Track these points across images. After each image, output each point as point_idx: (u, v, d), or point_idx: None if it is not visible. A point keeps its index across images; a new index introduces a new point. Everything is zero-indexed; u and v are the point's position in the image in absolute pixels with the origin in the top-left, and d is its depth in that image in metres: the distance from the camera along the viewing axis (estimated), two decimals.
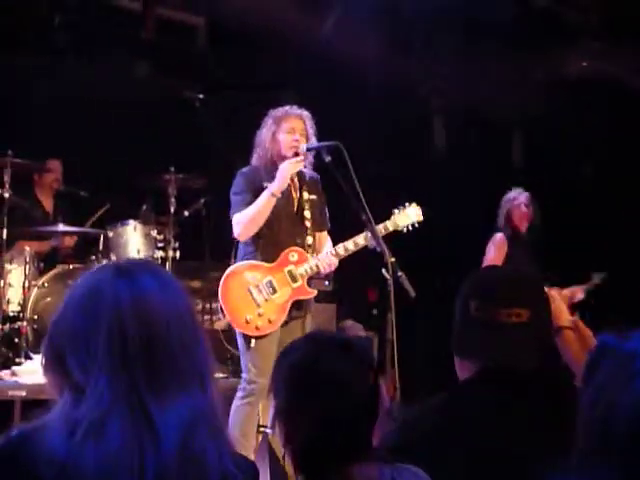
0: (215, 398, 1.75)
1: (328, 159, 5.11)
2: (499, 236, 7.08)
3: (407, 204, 5.49)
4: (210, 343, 1.81)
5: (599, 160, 9.01)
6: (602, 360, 1.51)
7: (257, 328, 5.11)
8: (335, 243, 5.41)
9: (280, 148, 5.24)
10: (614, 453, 1.41)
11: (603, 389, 1.45)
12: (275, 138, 5.23)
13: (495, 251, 7.04)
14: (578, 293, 6.69)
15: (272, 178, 5.22)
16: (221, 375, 6.55)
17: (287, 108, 5.30)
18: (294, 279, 5.23)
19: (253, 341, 5.10)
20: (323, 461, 1.98)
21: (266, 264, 5.20)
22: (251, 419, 5.16)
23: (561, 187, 6.77)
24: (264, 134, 5.26)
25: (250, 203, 5.16)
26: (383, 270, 4.86)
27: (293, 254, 5.26)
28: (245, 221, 5.17)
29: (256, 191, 5.21)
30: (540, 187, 7.64)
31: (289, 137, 5.23)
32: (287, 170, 5.16)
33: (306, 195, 5.38)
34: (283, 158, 5.24)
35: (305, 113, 5.30)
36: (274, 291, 5.18)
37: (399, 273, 4.84)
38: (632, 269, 7.82)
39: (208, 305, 7.51)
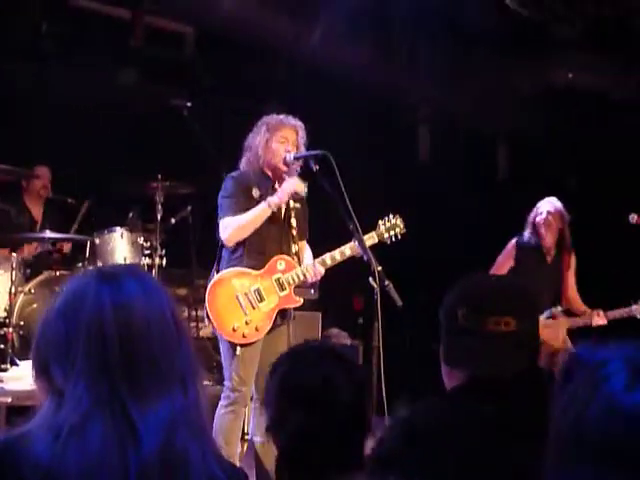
0: (199, 400, 1.76)
1: (316, 168, 5.14)
2: (511, 242, 6.94)
3: (391, 215, 5.54)
4: (195, 349, 1.82)
5: (584, 172, 9.07)
6: (574, 370, 1.52)
7: (244, 336, 5.09)
8: (322, 252, 5.41)
9: (271, 156, 5.25)
10: (584, 461, 1.42)
11: (573, 398, 1.45)
12: (268, 146, 5.23)
13: (502, 256, 6.93)
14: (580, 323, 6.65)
15: (260, 184, 5.25)
16: (207, 382, 6.54)
17: (282, 117, 5.29)
18: (282, 287, 5.23)
19: (239, 349, 5.08)
20: (310, 473, 1.99)
21: (254, 271, 5.19)
22: (235, 427, 5.14)
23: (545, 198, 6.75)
24: (257, 140, 5.24)
25: (240, 206, 5.16)
26: (370, 279, 4.88)
27: (281, 262, 5.27)
28: (235, 226, 5.16)
29: (245, 195, 5.22)
30: (524, 198, 7.67)
31: (281, 147, 5.23)
32: (291, 188, 5.18)
33: (292, 203, 5.39)
34: (272, 167, 5.27)
35: (299, 124, 5.31)
36: (261, 299, 5.18)
37: (386, 282, 4.86)
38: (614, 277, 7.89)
39: (194, 312, 7.51)
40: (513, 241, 6.94)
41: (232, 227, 5.16)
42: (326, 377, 2.01)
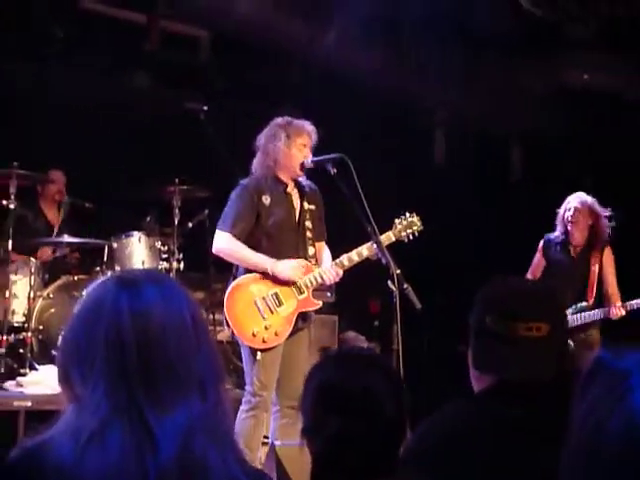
0: (220, 405, 1.75)
1: (333, 171, 5.15)
2: (543, 240, 6.85)
3: (408, 214, 5.52)
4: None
5: (598, 172, 9.04)
6: (595, 377, 1.49)
7: (264, 341, 5.10)
8: (338, 254, 5.42)
9: (290, 163, 5.25)
10: (601, 473, 1.41)
11: (594, 407, 1.43)
12: (288, 153, 5.23)
13: (535, 257, 6.86)
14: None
15: (273, 190, 5.26)
16: (227, 386, 6.54)
17: (300, 123, 5.29)
18: (300, 291, 5.23)
19: (259, 354, 5.09)
20: (342, 478, 1.99)
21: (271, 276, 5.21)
22: (256, 432, 5.15)
23: (560, 200, 6.70)
24: (277, 146, 5.22)
25: (241, 219, 5.18)
26: (389, 282, 4.88)
27: None
28: (229, 253, 5.21)
29: (255, 202, 5.22)
30: (539, 199, 7.66)
31: (300, 154, 5.25)
32: (292, 276, 5.18)
33: (306, 205, 5.39)
34: (288, 172, 5.28)
35: (313, 128, 5.32)
36: (280, 303, 5.19)
37: (404, 285, 4.86)
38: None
39: (212, 316, 7.51)
40: (542, 239, 6.88)
41: (227, 248, 5.22)
42: (366, 384, 2.01)
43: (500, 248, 7.96)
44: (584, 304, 6.46)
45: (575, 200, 6.66)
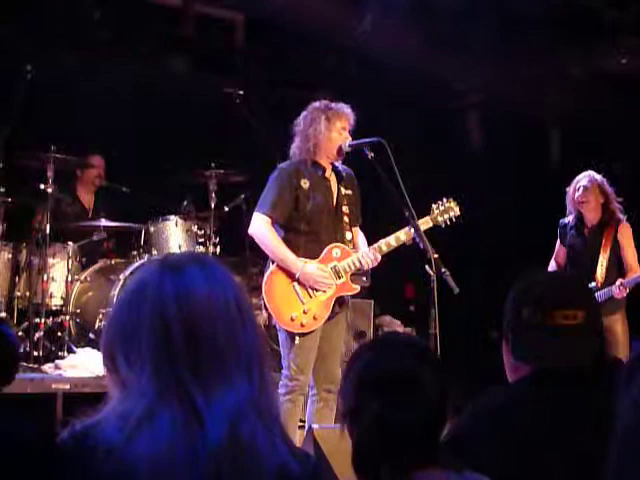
0: (266, 388, 1.76)
1: (371, 155, 5.14)
2: (558, 226, 6.69)
3: (445, 199, 5.50)
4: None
5: (638, 157, 8.95)
6: (637, 372, 1.50)
7: (302, 325, 5.11)
8: (376, 239, 5.41)
9: (330, 146, 5.24)
10: None
11: (635, 402, 1.44)
12: (328, 136, 5.21)
13: (556, 243, 6.71)
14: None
15: (312, 174, 5.25)
16: None
17: (339, 106, 5.27)
18: (338, 275, 5.23)
19: (297, 338, 5.10)
20: (386, 464, 1.98)
21: (309, 260, 5.20)
22: (293, 416, 5.16)
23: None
24: (317, 130, 5.20)
25: (280, 202, 5.17)
26: (426, 266, 4.87)
27: (336, 250, 5.26)
28: (261, 238, 5.19)
29: (294, 186, 5.21)
30: None
31: (340, 138, 5.23)
32: (317, 284, 5.17)
33: (343, 190, 5.38)
34: (328, 155, 5.27)
35: (351, 112, 5.29)
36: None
37: (442, 269, 4.85)
38: None
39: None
40: (558, 225, 6.72)
41: (261, 234, 5.20)
42: (411, 369, 1.99)
43: (535, 232, 7.89)
44: (592, 285, 6.17)
45: (584, 179, 6.44)
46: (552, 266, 6.70)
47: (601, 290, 6.20)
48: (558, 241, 6.70)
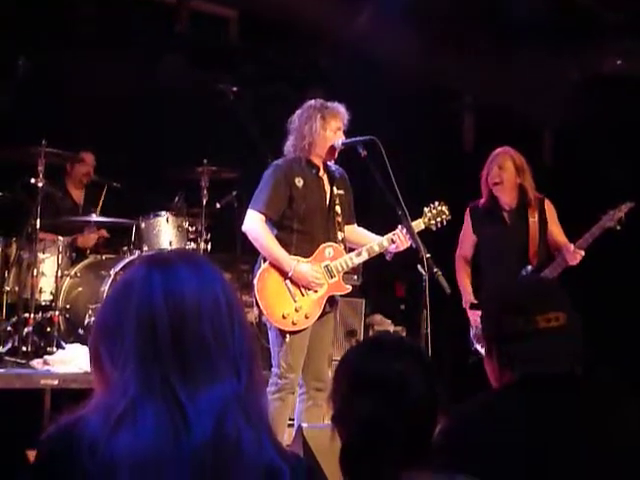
0: (254, 386, 1.74)
1: (364, 153, 5.13)
2: (466, 212, 6.05)
3: (437, 202, 5.53)
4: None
5: (634, 160, 8.95)
6: None
7: (294, 323, 5.12)
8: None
9: (325, 145, 5.23)
10: None
11: None
12: (322, 135, 5.21)
13: (462, 233, 6.10)
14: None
15: (306, 172, 5.25)
16: None
17: (334, 106, 5.27)
18: (331, 274, 5.23)
19: (288, 336, 5.11)
20: (375, 465, 1.97)
21: (302, 259, 5.19)
22: (282, 414, 5.17)
23: (593, 187, 6.60)
24: (312, 128, 5.19)
25: (274, 200, 5.16)
26: (418, 266, 4.87)
27: (329, 249, 5.27)
28: (255, 236, 5.18)
29: (288, 184, 5.21)
30: (572, 187, 7.60)
31: (334, 137, 5.23)
32: (310, 284, 5.16)
33: (336, 190, 5.38)
34: (322, 154, 5.26)
35: (346, 111, 5.30)
36: None
37: (435, 269, 4.85)
38: None
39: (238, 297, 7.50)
40: (467, 211, 6.04)
41: (255, 232, 5.19)
42: (401, 370, 1.99)
43: None
44: (529, 267, 5.72)
45: (499, 158, 5.82)
46: (462, 260, 6.07)
47: (547, 268, 5.72)
48: (465, 230, 6.06)
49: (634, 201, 5.78)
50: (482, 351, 5.58)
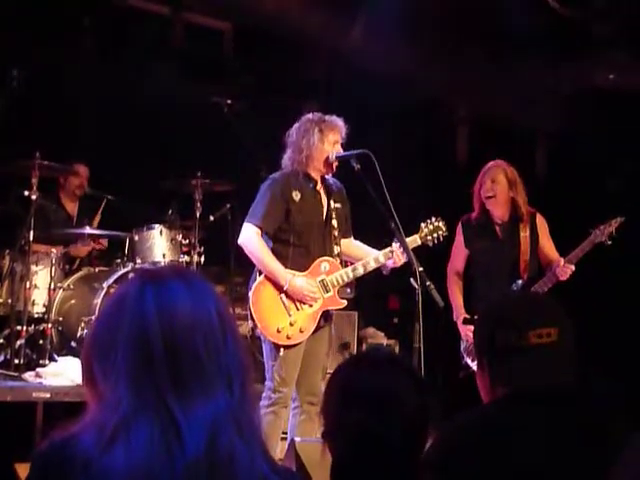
0: (247, 400, 1.74)
1: (357, 167, 5.13)
2: (458, 226, 6.03)
3: (434, 218, 5.52)
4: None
5: (626, 173, 8.97)
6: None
7: (288, 337, 5.11)
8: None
9: (322, 158, 5.23)
10: None
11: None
12: (322, 148, 5.20)
13: (454, 247, 6.06)
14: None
15: (303, 186, 5.25)
16: None
17: (332, 119, 5.27)
18: (326, 289, 5.23)
19: (282, 350, 5.10)
20: (363, 478, 1.97)
21: (298, 273, 5.18)
22: (275, 428, 5.15)
23: (586, 200, 6.60)
24: (310, 142, 5.19)
25: (271, 213, 5.16)
26: (411, 279, 4.86)
27: (325, 264, 5.26)
28: (251, 250, 5.17)
29: (285, 198, 5.20)
30: (565, 200, 7.60)
31: (332, 150, 5.23)
32: (305, 298, 5.16)
33: (333, 204, 5.38)
34: (319, 167, 5.25)
35: (344, 125, 5.30)
36: None
37: (427, 283, 4.84)
38: None
39: (231, 310, 7.50)
40: (459, 224, 6.01)
41: (251, 245, 5.18)
42: (391, 385, 1.99)
43: None
44: (519, 282, 5.71)
45: (491, 172, 5.81)
46: (453, 274, 6.06)
47: (538, 283, 5.72)
48: (457, 244, 6.03)
49: (627, 214, 5.78)
50: (472, 365, 5.60)
